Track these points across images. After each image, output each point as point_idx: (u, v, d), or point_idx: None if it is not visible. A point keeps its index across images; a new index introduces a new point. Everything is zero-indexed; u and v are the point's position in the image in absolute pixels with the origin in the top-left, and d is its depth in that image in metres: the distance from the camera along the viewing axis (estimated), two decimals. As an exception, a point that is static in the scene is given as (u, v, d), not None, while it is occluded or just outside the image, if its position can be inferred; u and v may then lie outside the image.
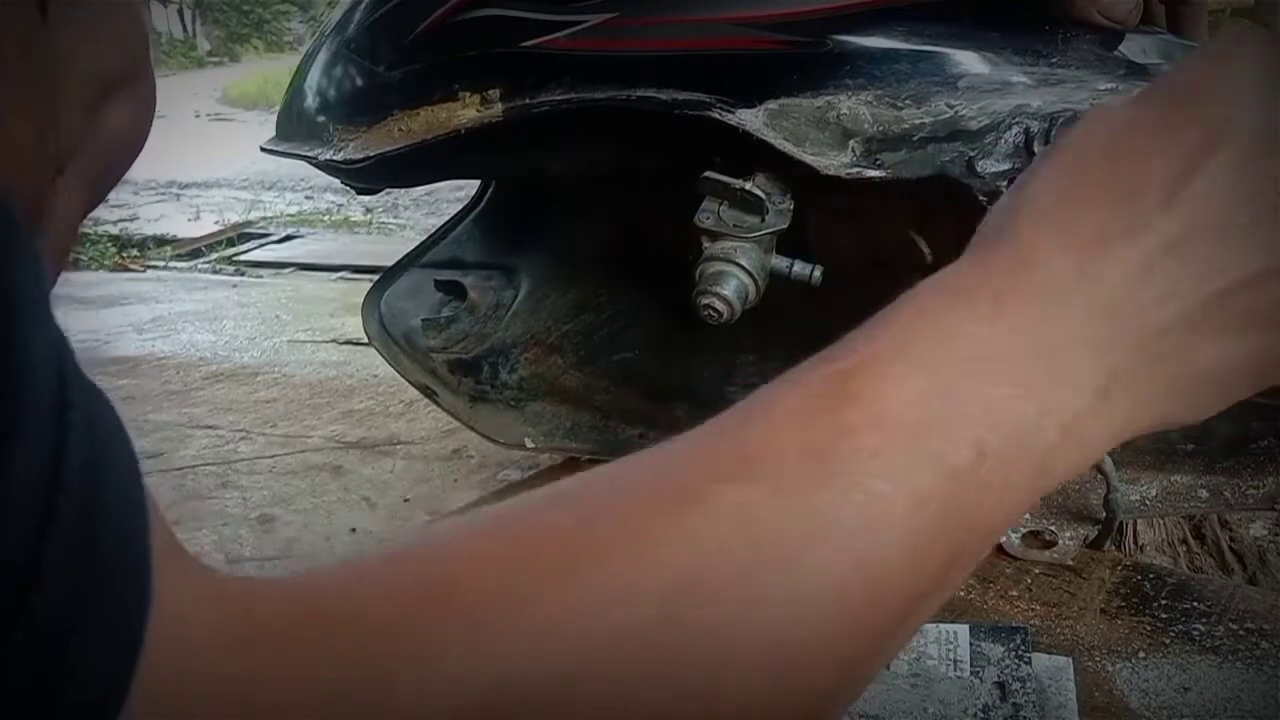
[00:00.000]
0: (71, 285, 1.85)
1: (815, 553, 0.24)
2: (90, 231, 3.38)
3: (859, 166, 0.51)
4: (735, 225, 0.55)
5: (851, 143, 0.52)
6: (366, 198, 4.34)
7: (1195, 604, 0.51)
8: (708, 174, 0.55)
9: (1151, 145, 0.29)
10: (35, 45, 0.25)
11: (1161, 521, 0.73)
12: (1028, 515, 0.59)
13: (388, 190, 0.84)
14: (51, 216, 0.36)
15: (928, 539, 0.25)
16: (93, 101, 0.39)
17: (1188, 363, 0.28)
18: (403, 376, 0.82)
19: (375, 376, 1.16)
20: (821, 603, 0.24)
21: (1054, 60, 0.54)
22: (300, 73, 0.69)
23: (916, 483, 0.25)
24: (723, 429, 0.27)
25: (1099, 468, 0.56)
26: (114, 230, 3.71)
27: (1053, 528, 0.58)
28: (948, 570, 0.26)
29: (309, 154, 0.66)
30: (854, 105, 0.52)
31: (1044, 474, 0.27)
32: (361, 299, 0.82)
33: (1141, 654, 0.47)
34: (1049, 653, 0.47)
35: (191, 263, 3.10)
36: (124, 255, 3.16)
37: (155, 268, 2.76)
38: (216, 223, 4.14)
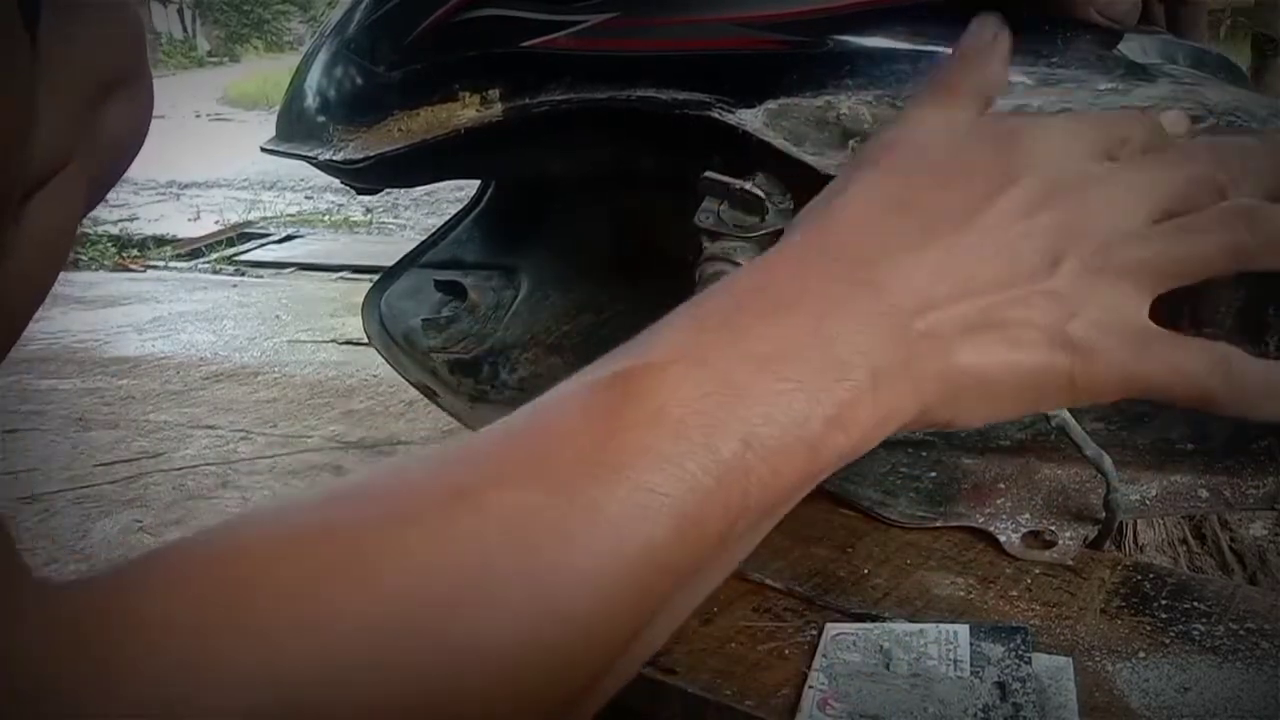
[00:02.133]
0: (71, 285, 1.85)
1: (586, 544, 0.26)
2: (90, 231, 3.38)
3: (859, 166, 0.51)
4: (735, 225, 0.55)
5: (851, 143, 0.52)
6: (366, 198, 4.34)
7: (1195, 604, 0.51)
8: (708, 174, 0.55)
9: (957, 174, 0.32)
10: (15, 64, 0.25)
11: (1161, 521, 0.73)
12: (1028, 515, 0.59)
13: (388, 190, 0.84)
14: (26, 229, 0.36)
15: (695, 522, 0.27)
16: (92, 102, 0.39)
17: (953, 363, 0.31)
18: (403, 376, 0.82)
19: (375, 376, 1.16)
20: (590, 592, 0.26)
21: (1054, 60, 0.54)
22: (300, 73, 0.69)
23: (685, 471, 0.27)
24: (508, 429, 0.29)
25: (1099, 468, 0.56)
26: (114, 230, 3.71)
27: (1053, 528, 0.58)
28: (721, 549, 0.29)
29: (309, 154, 0.66)
30: (854, 105, 0.52)
31: (813, 460, 0.29)
32: (361, 299, 0.82)
33: (1141, 654, 0.47)
34: (1049, 653, 0.47)
35: (191, 263, 3.10)
36: (124, 255, 3.16)
37: (155, 268, 2.76)
38: (216, 223, 4.14)
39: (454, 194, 3.44)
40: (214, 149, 6.36)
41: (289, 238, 3.67)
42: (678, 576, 0.28)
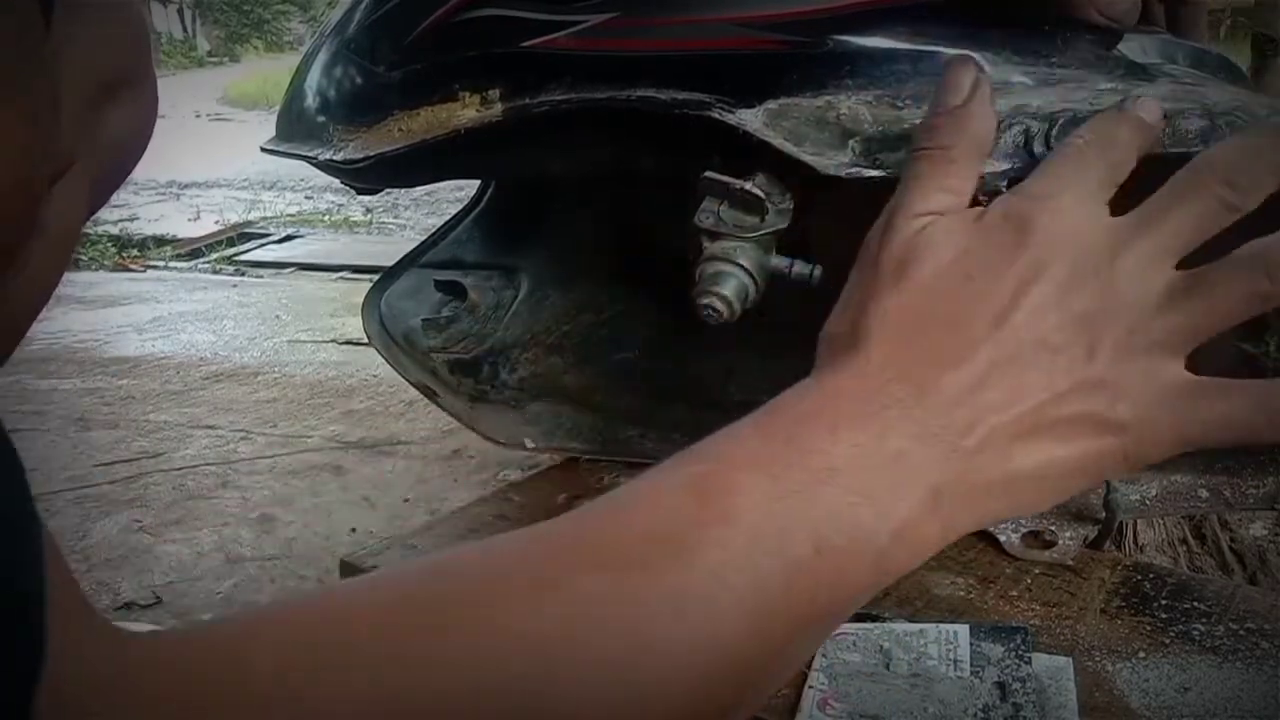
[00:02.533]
0: (72, 285, 1.85)
1: (661, 630, 0.27)
2: (90, 231, 3.39)
3: (859, 166, 0.51)
4: (735, 225, 0.55)
5: (851, 142, 0.52)
6: (366, 198, 4.34)
7: (1195, 604, 0.51)
8: (708, 174, 0.55)
9: (983, 276, 0.33)
10: (35, 53, 0.25)
11: (1161, 521, 0.73)
12: (1028, 515, 0.59)
13: (388, 190, 0.84)
14: (45, 226, 0.36)
15: (767, 618, 0.29)
16: (95, 103, 0.39)
17: (1010, 470, 0.32)
18: (403, 376, 0.82)
19: (375, 376, 1.16)
20: (665, 676, 0.27)
21: (1054, 60, 0.54)
22: (300, 73, 0.69)
23: (758, 569, 0.28)
24: (588, 519, 0.30)
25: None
26: (114, 230, 3.71)
27: (1053, 528, 0.58)
28: (787, 646, 0.30)
29: (309, 154, 0.66)
30: (854, 105, 0.52)
31: (878, 570, 0.30)
32: (361, 299, 0.82)
33: (1141, 654, 0.47)
34: (1049, 653, 0.47)
35: (191, 263, 3.10)
36: (124, 255, 3.16)
37: (155, 268, 2.76)
38: (216, 223, 4.14)
39: (454, 194, 3.44)
40: (214, 149, 6.36)
41: (289, 238, 3.67)
42: (746, 672, 0.29)
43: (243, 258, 3.19)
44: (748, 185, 0.54)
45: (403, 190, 3.85)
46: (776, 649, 0.30)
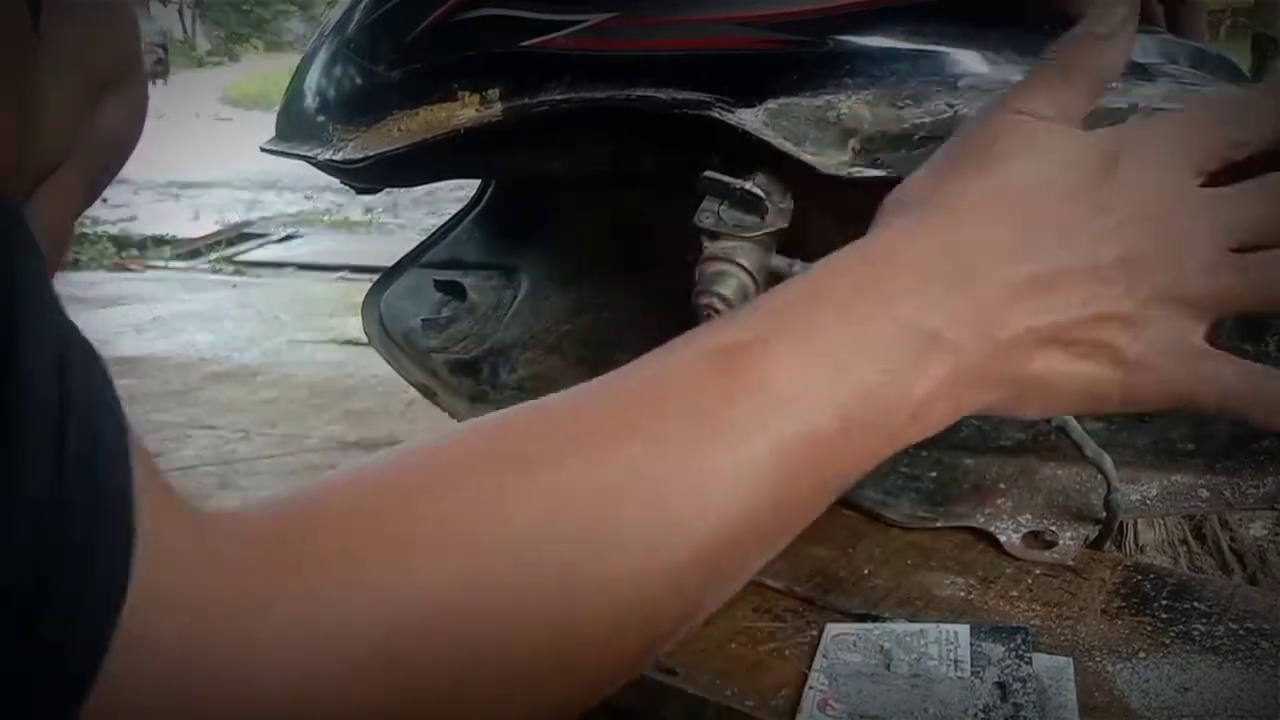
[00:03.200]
0: (71, 285, 1.85)
1: (692, 502, 0.29)
2: (90, 231, 3.38)
3: (859, 166, 0.51)
4: (735, 225, 0.55)
5: (851, 142, 0.52)
6: (366, 198, 4.34)
7: (1195, 604, 0.51)
8: (708, 174, 0.55)
9: (1064, 189, 0.34)
10: (24, 52, 0.25)
11: (1161, 521, 0.73)
12: (1028, 515, 0.59)
13: (388, 190, 0.84)
14: (32, 223, 0.36)
15: (787, 487, 0.30)
16: (87, 100, 0.40)
17: (1026, 371, 0.33)
18: (402, 376, 0.82)
19: (375, 376, 1.16)
20: (691, 546, 0.29)
21: (1054, 60, 0.54)
22: (300, 73, 0.69)
23: (783, 443, 0.30)
24: (625, 388, 0.31)
25: (1099, 468, 0.55)
26: (114, 230, 3.70)
27: (1053, 528, 0.58)
28: (803, 513, 0.32)
29: (308, 154, 0.66)
30: (854, 105, 0.52)
31: (891, 444, 0.32)
32: (361, 299, 0.82)
33: (1142, 654, 0.47)
34: (1049, 653, 0.47)
35: (191, 263, 3.10)
36: (124, 255, 3.16)
37: (155, 268, 2.76)
38: (216, 223, 4.14)
39: (454, 194, 3.44)
40: (214, 149, 6.36)
41: (289, 238, 3.67)
42: (768, 539, 0.31)
43: (242, 258, 3.19)
44: (748, 185, 0.54)
45: (403, 190, 3.85)
46: (794, 516, 0.32)
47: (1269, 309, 0.34)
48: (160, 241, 3.67)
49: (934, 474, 0.63)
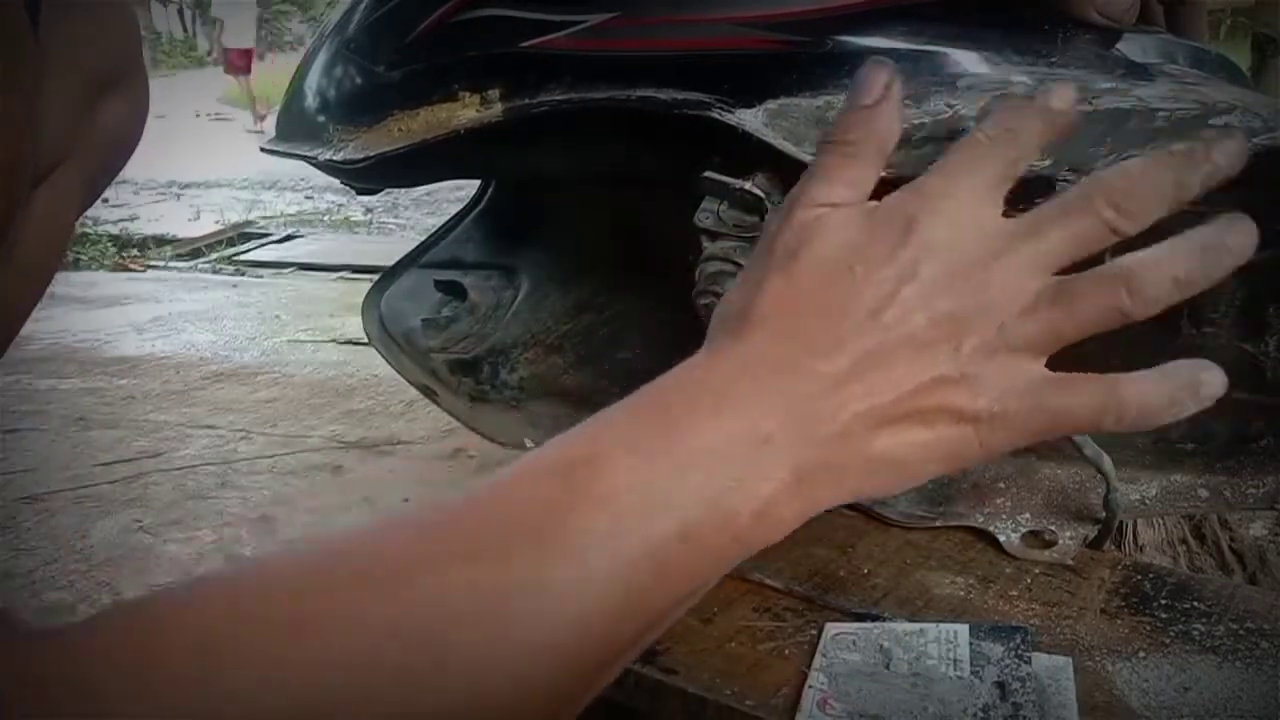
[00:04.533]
0: (71, 285, 1.85)
1: (529, 617, 0.29)
2: (90, 231, 3.38)
3: (859, 166, 0.51)
4: (735, 225, 0.55)
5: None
6: (366, 198, 4.34)
7: (1195, 604, 0.51)
8: (708, 174, 0.55)
9: (863, 269, 0.34)
10: (20, 56, 0.25)
11: (1161, 521, 0.73)
12: (1028, 515, 0.59)
13: (388, 190, 0.84)
14: (25, 225, 0.37)
15: (633, 600, 0.31)
16: (87, 100, 0.40)
17: (870, 454, 0.34)
18: (403, 376, 0.82)
19: (375, 376, 1.15)
20: (530, 659, 0.29)
21: (1054, 60, 0.54)
22: (300, 73, 0.69)
23: (624, 555, 0.30)
24: (466, 505, 0.32)
25: (1099, 467, 0.55)
26: (114, 230, 3.70)
27: (1053, 527, 0.58)
28: (652, 623, 0.32)
29: (309, 154, 0.66)
30: (854, 105, 0.52)
31: (739, 547, 0.32)
32: (361, 299, 0.82)
33: (1141, 654, 0.47)
34: (1049, 652, 0.47)
35: (191, 263, 3.10)
36: (124, 255, 3.16)
37: (155, 268, 2.76)
38: (216, 223, 4.14)
39: (454, 194, 3.44)
40: (214, 149, 6.36)
41: (289, 238, 3.66)
42: (613, 648, 0.31)
43: (243, 257, 3.18)
44: (747, 185, 0.54)
45: (403, 190, 3.85)
46: (642, 627, 0.32)
47: (1094, 331, 0.34)
48: (160, 241, 3.67)
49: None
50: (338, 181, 0.70)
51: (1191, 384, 0.34)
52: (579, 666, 0.30)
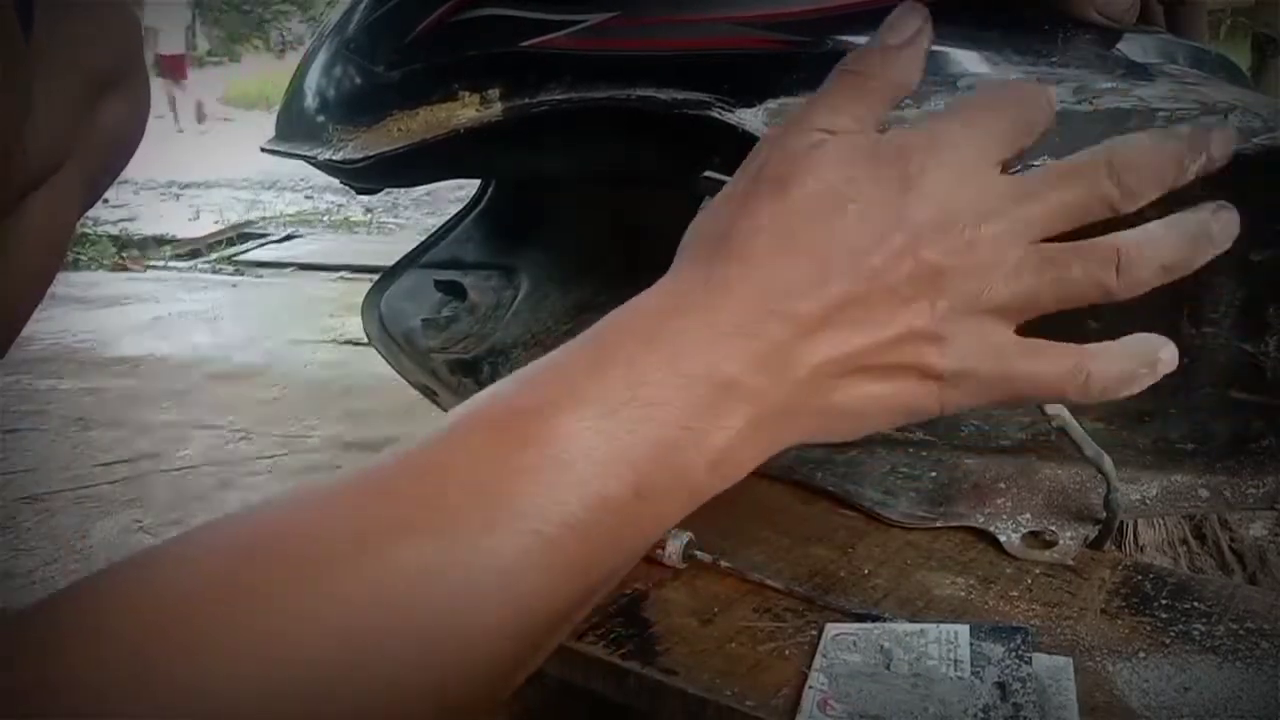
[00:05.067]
0: (71, 285, 1.85)
1: (481, 591, 0.27)
2: (90, 231, 3.38)
3: (859, 166, 0.51)
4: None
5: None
6: (366, 198, 4.34)
7: (1195, 604, 0.51)
8: (708, 174, 0.55)
9: (857, 209, 0.32)
10: (11, 60, 0.25)
11: (1161, 521, 0.73)
12: (1028, 515, 0.59)
13: (388, 190, 0.84)
14: (25, 226, 0.37)
15: (584, 564, 0.29)
16: (87, 100, 0.40)
17: (831, 402, 0.33)
18: (403, 376, 0.82)
19: (375, 376, 1.16)
20: (483, 634, 0.28)
21: (1054, 59, 0.54)
22: (300, 73, 0.69)
23: (578, 516, 0.28)
24: (408, 466, 0.29)
25: (1099, 468, 0.55)
26: (114, 230, 3.70)
27: (1053, 528, 0.58)
28: (606, 580, 0.31)
29: (308, 154, 0.66)
30: (854, 105, 0.52)
31: (693, 499, 0.31)
32: (361, 299, 0.82)
33: (1142, 654, 0.47)
34: (1049, 653, 0.47)
35: (191, 263, 3.10)
36: (124, 255, 3.16)
37: (155, 268, 2.76)
38: (216, 223, 4.14)
39: (454, 194, 3.44)
40: (214, 149, 6.36)
41: (289, 238, 3.66)
42: (568, 612, 0.30)
43: (243, 257, 3.18)
44: (747, 185, 0.54)
45: (403, 190, 3.85)
46: (596, 585, 0.30)
47: (1074, 305, 0.33)
48: (160, 241, 3.67)
49: (934, 474, 0.63)
50: (338, 181, 0.70)
51: (1150, 358, 0.34)
52: (530, 635, 0.29)
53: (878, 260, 0.32)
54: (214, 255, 3.31)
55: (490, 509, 0.28)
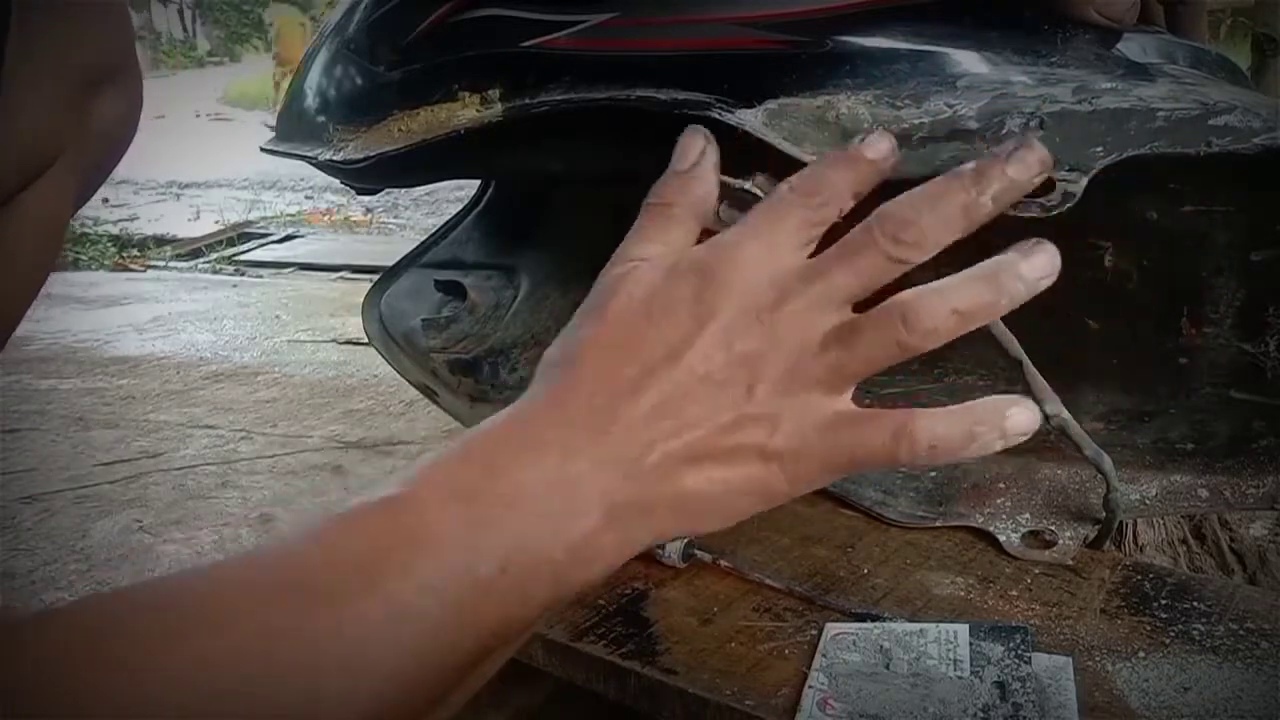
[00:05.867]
0: (71, 285, 1.85)
1: (349, 660, 0.29)
2: (90, 231, 3.38)
3: (859, 166, 0.50)
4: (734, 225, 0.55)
5: (851, 142, 0.52)
6: (366, 198, 4.34)
7: (1195, 604, 0.51)
8: (707, 174, 0.55)
9: (663, 315, 0.36)
10: None
11: (1161, 521, 0.73)
12: (1028, 515, 0.59)
13: (388, 190, 0.84)
14: (19, 223, 0.37)
15: (455, 637, 0.31)
16: (80, 97, 0.40)
17: (680, 491, 0.35)
18: (403, 376, 0.82)
19: (375, 376, 1.15)
20: (350, 706, 0.29)
21: (1053, 60, 0.54)
22: (300, 73, 0.69)
23: (446, 593, 0.31)
24: (293, 543, 0.32)
25: (1099, 468, 0.55)
26: (114, 230, 3.70)
27: (1053, 528, 0.58)
28: (476, 662, 0.33)
29: (309, 154, 0.66)
30: (853, 105, 0.52)
31: (557, 584, 0.33)
32: (361, 299, 0.82)
33: (1141, 654, 0.47)
34: (1049, 652, 0.47)
35: (191, 263, 3.10)
36: (124, 255, 3.16)
37: (155, 268, 2.76)
38: (216, 223, 4.13)
39: (454, 194, 3.44)
40: (214, 149, 6.36)
41: (289, 238, 3.66)
42: (434, 690, 0.32)
43: (243, 258, 3.18)
44: (747, 185, 0.54)
45: (403, 190, 3.85)
46: (465, 665, 0.33)
47: (883, 366, 0.35)
48: (160, 241, 3.67)
49: (933, 474, 0.63)
50: (338, 181, 0.70)
51: (994, 420, 0.35)
52: (397, 707, 0.31)
53: (690, 357, 0.35)
54: (214, 255, 3.31)
55: (356, 579, 0.30)
